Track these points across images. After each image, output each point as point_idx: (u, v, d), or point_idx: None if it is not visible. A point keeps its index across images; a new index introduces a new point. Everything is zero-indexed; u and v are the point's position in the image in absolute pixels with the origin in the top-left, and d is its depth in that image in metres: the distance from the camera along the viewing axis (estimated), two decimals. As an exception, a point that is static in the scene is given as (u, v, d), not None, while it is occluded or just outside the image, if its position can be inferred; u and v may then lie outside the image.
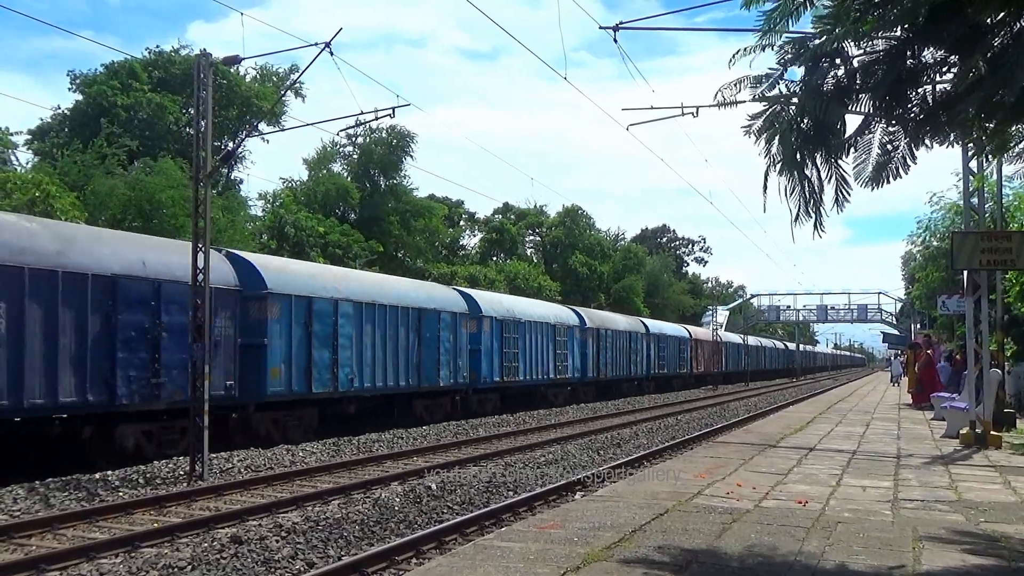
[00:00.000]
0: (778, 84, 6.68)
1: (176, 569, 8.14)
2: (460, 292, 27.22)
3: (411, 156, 47.44)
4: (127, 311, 14.48)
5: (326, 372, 18.99)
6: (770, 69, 6.65)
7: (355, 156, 48.24)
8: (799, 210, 6.80)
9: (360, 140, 47.28)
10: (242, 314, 16.96)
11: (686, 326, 54.04)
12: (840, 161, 6.70)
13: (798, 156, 6.57)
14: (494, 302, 28.78)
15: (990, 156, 10.96)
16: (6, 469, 12.69)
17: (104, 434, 14.39)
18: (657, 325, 46.77)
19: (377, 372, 20.76)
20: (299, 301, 18.34)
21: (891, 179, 6.67)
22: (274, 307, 17.64)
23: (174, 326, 15.14)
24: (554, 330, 31.69)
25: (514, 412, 26.96)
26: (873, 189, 6.77)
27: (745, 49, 6.67)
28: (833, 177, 6.72)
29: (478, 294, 28.61)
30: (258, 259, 18.93)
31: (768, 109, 6.79)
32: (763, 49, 6.43)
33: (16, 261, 12.88)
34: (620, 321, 40.68)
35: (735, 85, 6.94)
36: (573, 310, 36.11)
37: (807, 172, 6.68)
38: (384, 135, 46.33)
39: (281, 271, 18.91)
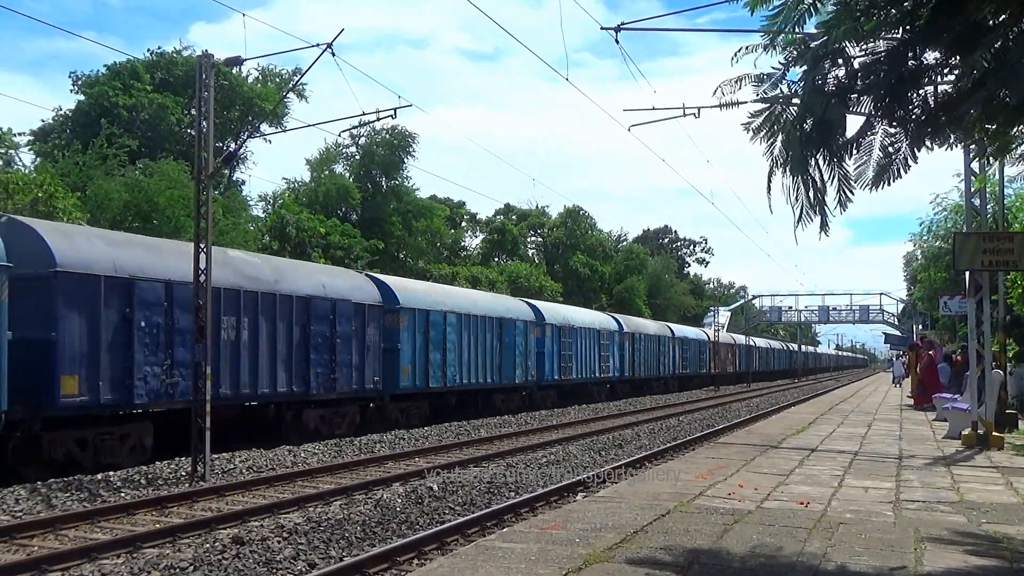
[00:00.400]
0: (780, 85, 6.68)
1: (178, 570, 8.15)
2: (527, 303, 31.74)
3: (413, 156, 47.46)
4: (317, 323, 18.78)
5: (438, 371, 23.49)
6: (772, 69, 6.66)
7: (357, 157, 48.25)
8: (802, 211, 6.80)
9: (362, 141, 47.30)
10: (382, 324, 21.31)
11: (705, 330, 57.83)
12: (843, 162, 6.70)
13: (802, 156, 6.58)
14: (554, 311, 33.22)
15: (991, 158, 10.95)
16: (234, 437, 16.46)
17: (297, 416, 18.41)
18: (681, 329, 50.62)
19: (472, 371, 25.38)
20: (420, 314, 22.81)
21: (892, 181, 6.68)
22: (404, 319, 21.98)
23: (344, 334, 19.56)
24: (598, 335, 35.72)
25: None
26: (874, 191, 6.77)
27: (748, 48, 6.68)
28: (836, 177, 6.73)
29: (542, 305, 33.29)
30: (392, 280, 23.57)
31: (769, 108, 6.79)
32: (765, 49, 6.44)
33: (252, 287, 17.13)
34: (651, 326, 45.26)
35: (736, 83, 6.94)
36: (613, 317, 40.37)
37: (811, 172, 6.68)
38: (385, 136, 46.31)
39: (406, 289, 23.30)
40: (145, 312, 14.66)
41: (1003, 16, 5.56)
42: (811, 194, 6.72)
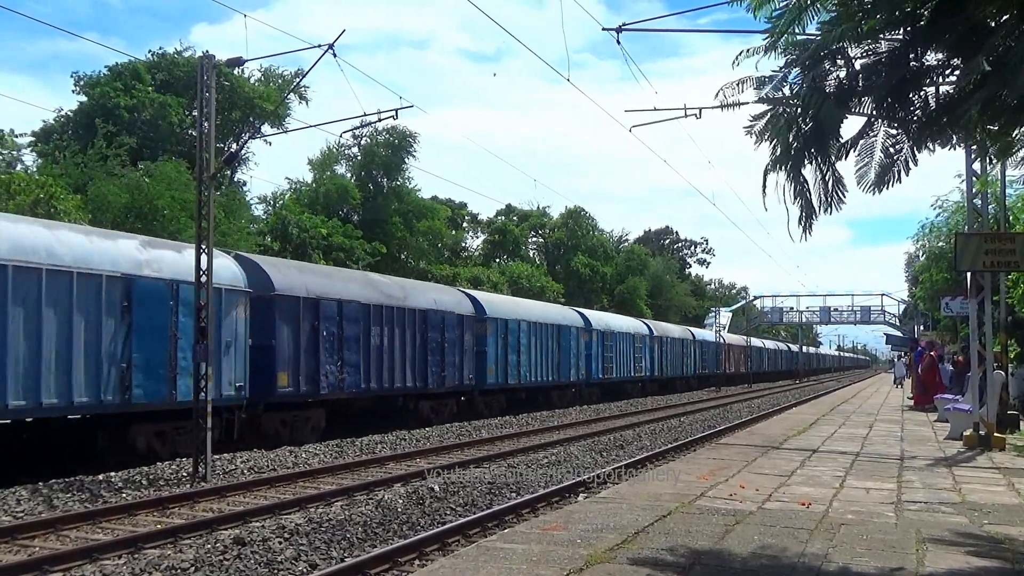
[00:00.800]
0: (782, 87, 6.68)
1: (179, 570, 8.15)
2: (577, 311, 35.37)
3: (414, 156, 47.41)
4: (432, 331, 23.06)
5: (513, 370, 27.80)
6: (773, 71, 6.65)
7: (359, 157, 48.22)
8: (802, 211, 6.80)
9: (363, 141, 47.24)
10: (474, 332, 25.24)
11: (721, 333, 59.93)
12: (836, 163, 6.70)
13: (795, 156, 6.57)
14: (599, 319, 36.93)
15: (993, 159, 10.95)
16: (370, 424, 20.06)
17: (415, 406, 22.67)
18: (700, 333, 54.41)
19: (537, 370, 29.20)
20: (501, 322, 27.01)
21: (893, 183, 6.67)
22: (490, 326, 26.24)
23: (450, 340, 23.88)
24: (633, 338, 39.94)
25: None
26: (876, 194, 6.76)
27: (749, 50, 6.67)
28: (830, 179, 6.72)
29: (589, 313, 36.88)
30: (480, 294, 27.91)
31: (770, 110, 6.78)
32: (767, 51, 6.43)
33: (389, 303, 21.55)
34: (675, 330, 49.34)
35: (738, 85, 6.93)
36: (644, 322, 44.37)
37: (804, 172, 6.68)
38: (386, 136, 46.22)
39: (491, 302, 27.72)
40: (326, 324, 18.98)
41: (1004, 17, 5.55)
42: (801, 193, 6.71)
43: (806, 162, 6.61)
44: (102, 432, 14.46)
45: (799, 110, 6.45)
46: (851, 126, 6.69)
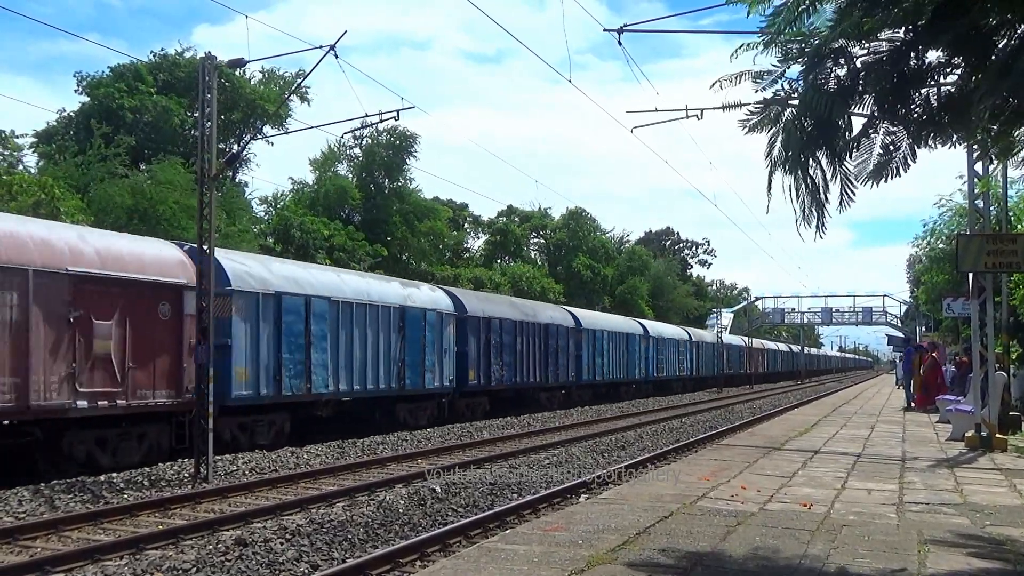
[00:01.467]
0: (779, 81, 6.68)
1: (181, 571, 8.15)
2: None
3: (414, 157, 47.38)
4: (552, 340, 30.39)
5: (599, 370, 32.59)
6: (772, 66, 6.65)
7: (360, 159, 48.21)
8: (805, 211, 6.79)
9: (365, 142, 47.21)
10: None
11: (743, 337, 65.76)
12: (843, 161, 6.69)
13: (802, 156, 6.57)
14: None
15: (994, 158, 10.94)
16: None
17: (530, 399, 28.99)
18: (726, 338, 58.70)
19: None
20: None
21: (891, 177, 6.66)
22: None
23: (563, 347, 31.04)
24: (677, 344, 47.15)
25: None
26: (874, 187, 6.76)
27: (748, 44, 6.67)
28: (838, 177, 6.71)
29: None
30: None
31: (767, 106, 6.78)
32: (766, 47, 6.43)
33: (524, 319, 28.91)
34: (706, 336, 55.65)
35: (736, 78, 6.92)
36: (685, 330, 50.94)
37: (811, 172, 6.67)
38: (387, 137, 46.17)
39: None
40: (495, 336, 26.40)
41: (1007, 16, 5.55)
42: (811, 193, 6.70)
43: (813, 161, 6.61)
44: (379, 409, 21.08)
45: (801, 109, 6.44)
46: (853, 124, 6.69)
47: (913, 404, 26.77)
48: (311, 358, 18.35)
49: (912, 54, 6.05)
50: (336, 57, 13.97)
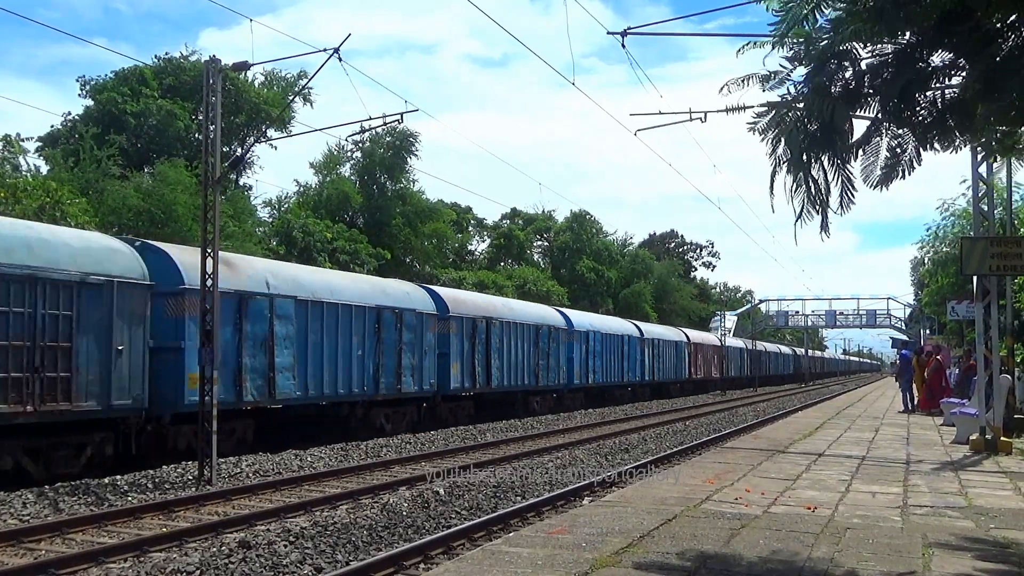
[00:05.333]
0: (786, 83, 6.67)
1: (185, 574, 8.15)
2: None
3: (416, 156, 47.26)
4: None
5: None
6: (779, 66, 6.64)
7: (362, 161, 48.18)
8: (802, 210, 6.78)
9: (366, 144, 47.16)
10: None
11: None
12: (847, 163, 6.69)
13: (804, 157, 6.56)
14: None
15: (999, 156, 10.91)
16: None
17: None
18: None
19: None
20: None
21: (898, 179, 6.67)
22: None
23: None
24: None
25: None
26: (882, 190, 6.77)
27: (755, 43, 6.66)
28: (839, 179, 6.71)
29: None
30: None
31: (774, 108, 6.77)
32: (774, 47, 6.42)
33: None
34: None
35: (743, 81, 6.92)
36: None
37: (813, 173, 6.67)
38: (387, 137, 46.06)
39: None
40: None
41: (1012, 18, 5.54)
42: (812, 194, 6.70)
43: (816, 162, 6.60)
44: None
45: (805, 112, 6.44)
46: (856, 126, 6.69)
47: (910, 407, 26.73)
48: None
49: (917, 56, 6.04)
50: (340, 60, 13.99)
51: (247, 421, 17.27)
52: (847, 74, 6.36)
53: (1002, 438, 15.02)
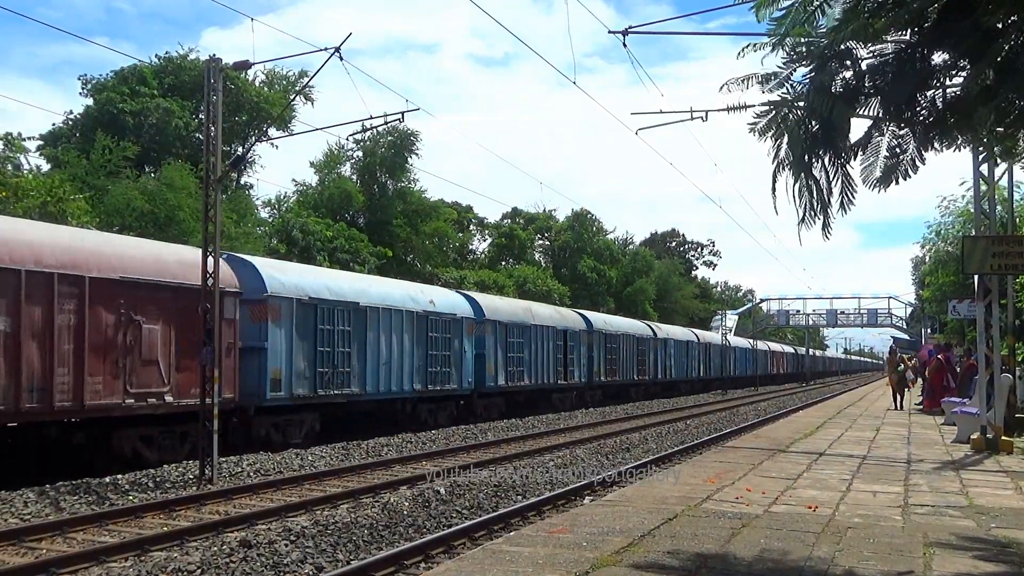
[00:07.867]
0: (786, 84, 6.66)
1: (186, 573, 8.16)
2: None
3: (416, 155, 47.22)
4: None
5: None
6: (779, 67, 6.64)
7: (362, 161, 48.14)
8: (805, 212, 6.78)
9: (367, 144, 47.10)
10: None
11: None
12: (848, 164, 6.68)
13: (807, 157, 6.56)
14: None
15: (1000, 159, 10.92)
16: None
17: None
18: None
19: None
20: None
21: (899, 181, 6.65)
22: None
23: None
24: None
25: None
26: (881, 191, 6.75)
27: (755, 45, 6.65)
28: (839, 179, 6.70)
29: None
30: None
31: (776, 108, 6.77)
32: (773, 49, 6.42)
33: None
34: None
35: (743, 81, 6.91)
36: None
37: (815, 173, 6.66)
38: (388, 137, 46.02)
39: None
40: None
41: (1013, 17, 5.53)
42: (814, 195, 6.70)
43: (817, 162, 6.59)
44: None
45: (806, 112, 6.43)
46: (857, 126, 6.68)
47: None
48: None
49: (917, 56, 6.03)
50: (341, 59, 13.99)
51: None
52: (848, 74, 6.35)
53: (1003, 437, 15.01)
